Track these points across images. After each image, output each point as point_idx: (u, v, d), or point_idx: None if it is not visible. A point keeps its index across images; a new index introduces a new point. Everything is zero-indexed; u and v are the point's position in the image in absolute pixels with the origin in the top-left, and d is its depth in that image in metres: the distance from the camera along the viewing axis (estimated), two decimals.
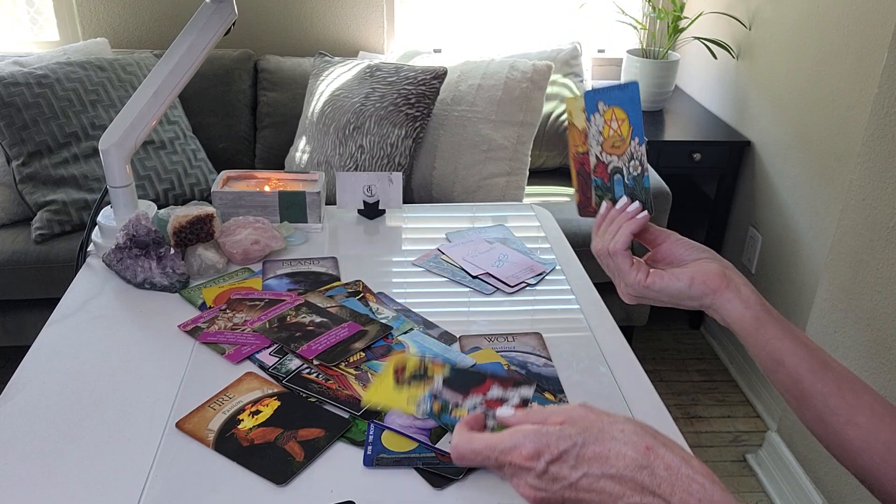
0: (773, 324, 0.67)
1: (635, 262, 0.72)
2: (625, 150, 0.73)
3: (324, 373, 0.89)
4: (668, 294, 0.70)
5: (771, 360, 0.67)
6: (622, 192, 0.74)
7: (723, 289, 0.68)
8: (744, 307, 0.68)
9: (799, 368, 0.65)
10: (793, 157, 2.03)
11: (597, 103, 0.73)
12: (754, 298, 0.68)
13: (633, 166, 0.72)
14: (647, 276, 0.71)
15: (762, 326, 0.67)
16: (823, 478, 1.67)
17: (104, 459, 0.76)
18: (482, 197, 2.10)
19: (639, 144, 0.72)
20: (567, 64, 2.43)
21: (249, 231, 1.15)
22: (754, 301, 0.68)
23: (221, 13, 1.14)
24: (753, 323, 0.67)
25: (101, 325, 0.99)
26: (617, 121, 0.72)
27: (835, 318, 1.60)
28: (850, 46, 1.77)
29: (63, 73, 2.07)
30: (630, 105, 0.71)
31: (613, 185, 0.74)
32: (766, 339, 0.67)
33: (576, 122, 0.75)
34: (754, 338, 0.68)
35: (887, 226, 1.43)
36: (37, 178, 1.99)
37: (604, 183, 0.75)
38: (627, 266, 0.72)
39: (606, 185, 0.75)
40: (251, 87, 2.46)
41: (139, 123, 1.13)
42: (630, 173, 0.73)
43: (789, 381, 0.66)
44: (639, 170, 0.72)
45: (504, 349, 0.96)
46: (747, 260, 2.29)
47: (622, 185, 0.74)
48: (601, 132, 0.73)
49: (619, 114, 0.72)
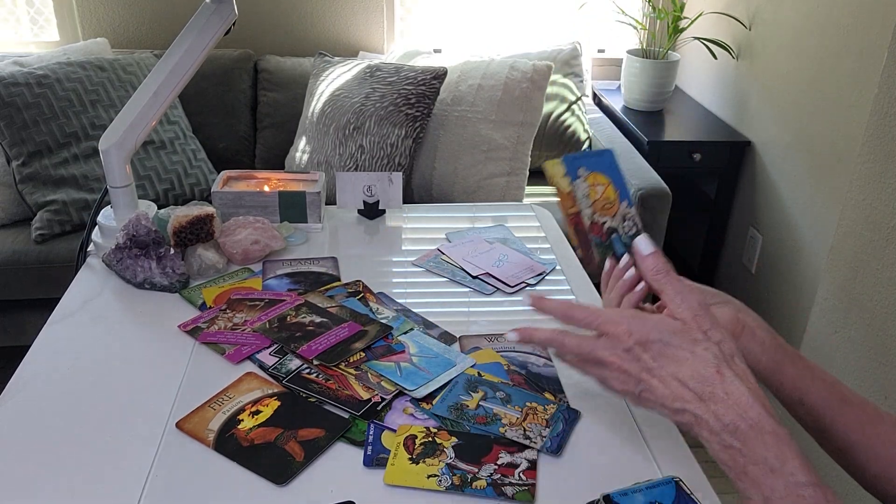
0: (791, 364, 0.69)
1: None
2: (616, 212, 0.74)
3: (324, 373, 0.89)
4: None
5: (790, 399, 0.69)
6: (622, 250, 0.75)
7: (738, 335, 0.70)
8: (760, 351, 0.70)
9: (818, 406, 0.68)
10: (793, 157, 2.03)
11: (577, 169, 0.74)
12: (770, 340, 0.70)
13: (628, 227, 0.74)
14: None
15: (779, 368, 0.69)
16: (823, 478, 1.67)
17: (104, 459, 0.76)
18: (482, 197, 2.10)
19: (628, 206, 0.74)
20: (567, 64, 2.43)
21: (249, 231, 1.15)
22: (770, 343, 0.70)
23: (221, 13, 1.14)
24: (771, 366, 0.69)
25: (101, 326, 0.99)
26: (601, 185, 0.74)
27: (835, 318, 1.60)
28: (850, 47, 1.77)
29: (63, 73, 2.07)
30: (610, 171, 0.73)
31: (612, 244, 0.76)
32: (784, 380, 0.69)
33: (560, 186, 0.75)
34: (772, 380, 0.70)
35: (887, 226, 1.43)
36: (37, 178, 1.99)
37: (602, 241, 0.76)
38: None
39: (605, 244, 0.76)
40: (251, 87, 2.46)
41: (139, 123, 1.13)
42: (626, 233, 0.75)
43: (809, 418, 0.69)
44: (633, 230, 0.74)
45: (504, 349, 0.96)
46: (747, 260, 2.29)
47: (620, 243, 0.75)
48: (588, 196, 0.75)
49: (602, 179, 0.74)
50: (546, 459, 0.78)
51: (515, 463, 0.76)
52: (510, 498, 0.72)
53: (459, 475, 0.74)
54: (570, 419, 0.83)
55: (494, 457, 0.77)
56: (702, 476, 0.76)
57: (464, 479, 0.74)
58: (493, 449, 0.78)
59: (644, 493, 0.71)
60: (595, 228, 0.76)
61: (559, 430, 0.81)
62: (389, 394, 0.85)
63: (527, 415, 0.83)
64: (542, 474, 0.76)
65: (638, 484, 0.73)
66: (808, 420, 0.69)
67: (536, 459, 0.77)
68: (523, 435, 0.80)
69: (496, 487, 0.73)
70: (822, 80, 1.88)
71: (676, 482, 0.73)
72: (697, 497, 0.72)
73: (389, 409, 0.84)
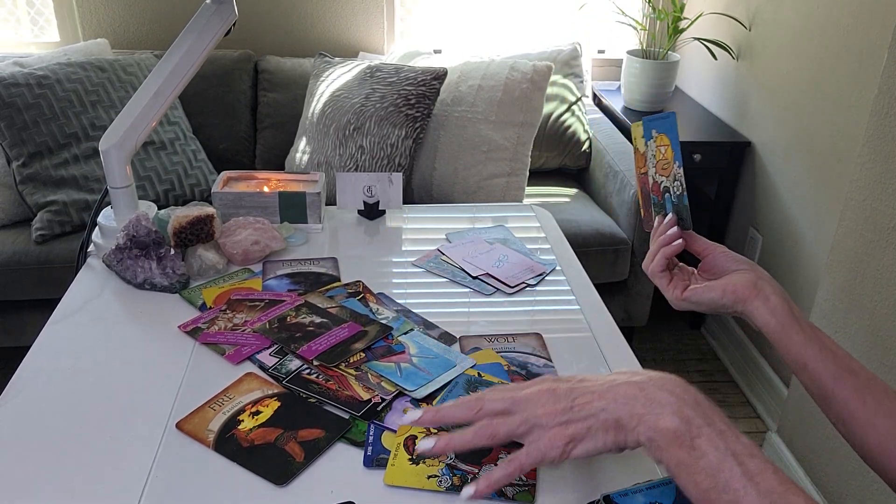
0: (800, 331, 0.73)
1: (673, 279, 0.82)
2: (670, 172, 0.83)
3: (324, 373, 0.89)
4: (705, 304, 0.78)
5: (795, 364, 0.73)
6: (671, 209, 0.84)
7: (752, 298, 0.75)
8: (769, 315, 0.74)
9: (821, 373, 0.71)
10: (793, 157, 2.03)
11: (651, 130, 0.83)
12: (782, 307, 0.74)
13: (676, 186, 0.83)
14: (682, 291, 0.80)
15: (787, 334, 0.73)
16: (823, 479, 1.67)
17: (104, 460, 0.76)
18: (482, 197, 2.10)
19: (678, 167, 0.82)
20: (567, 64, 2.43)
21: (249, 231, 1.15)
22: (781, 309, 0.74)
23: (221, 14, 1.14)
24: (779, 330, 0.73)
25: (101, 326, 0.99)
26: (664, 146, 0.83)
27: (835, 319, 1.60)
28: (850, 47, 1.77)
29: (63, 73, 2.07)
30: (671, 132, 0.82)
31: (665, 203, 0.84)
32: (791, 344, 0.73)
33: (638, 146, 0.84)
34: (780, 343, 0.74)
35: (887, 226, 1.43)
36: (37, 178, 1.99)
37: (658, 200, 0.85)
38: (665, 284, 0.82)
39: (660, 203, 0.85)
40: (251, 87, 2.46)
41: (139, 124, 1.13)
42: (674, 192, 0.83)
43: (812, 384, 0.73)
44: (679, 189, 0.82)
45: (504, 350, 0.96)
46: None
47: (670, 202, 0.84)
48: (654, 156, 0.83)
49: (665, 140, 0.82)
50: None
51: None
52: (510, 498, 0.72)
53: (459, 476, 0.74)
54: None
55: (494, 457, 0.77)
56: None
57: (464, 479, 0.74)
58: (493, 449, 0.77)
59: (644, 493, 0.72)
60: (655, 188, 0.84)
61: None
62: (389, 394, 0.85)
63: None
64: (542, 475, 0.76)
65: (638, 484, 0.73)
66: (811, 386, 0.72)
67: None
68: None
69: None
70: (822, 81, 1.88)
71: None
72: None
73: (389, 410, 0.84)
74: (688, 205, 0.83)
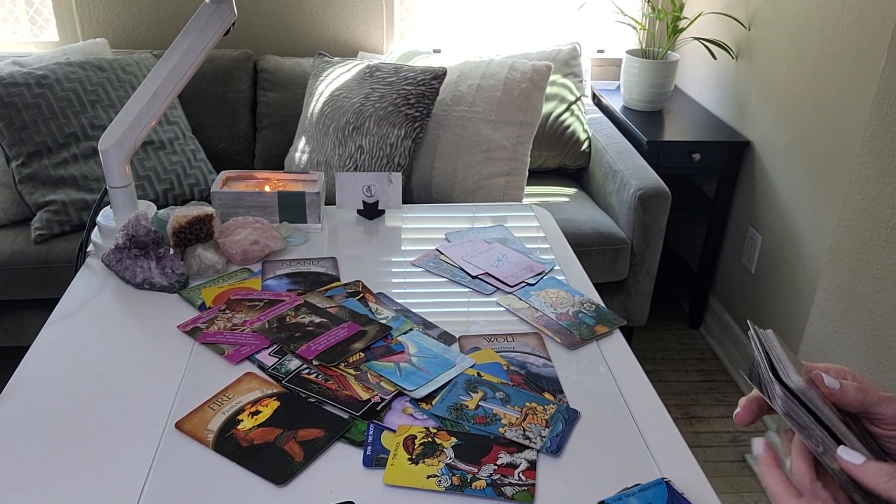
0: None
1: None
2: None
3: (323, 373, 0.89)
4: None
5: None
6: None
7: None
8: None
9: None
10: (793, 157, 2.03)
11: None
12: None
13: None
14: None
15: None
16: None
17: (104, 459, 0.76)
18: (482, 197, 2.10)
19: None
20: (566, 64, 2.43)
21: (249, 231, 1.15)
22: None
23: (221, 13, 1.14)
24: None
25: (100, 326, 0.99)
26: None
27: (835, 318, 1.61)
28: (849, 46, 1.77)
29: (62, 73, 2.07)
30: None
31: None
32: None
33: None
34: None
35: (887, 226, 1.43)
36: (36, 178, 1.99)
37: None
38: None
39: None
40: (251, 87, 2.46)
41: (139, 124, 1.13)
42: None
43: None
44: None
45: (504, 349, 0.96)
46: (747, 260, 2.29)
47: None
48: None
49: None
50: (546, 460, 0.78)
51: (515, 463, 0.76)
52: (510, 498, 0.72)
53: (459, 475, 0.74)
54: (569, 419, 0.83)
55: (494, 457, 0.77)
56: (702, 476, 0.76)
57: (463, 479, 0.74)
58: (492, 449, 0.78)
59: (637, 496, 0.72)
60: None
61: (559, 431, 0.81)
62: (389, 394, 0.85)
63: (526, 415, 0.83)
64: (542, 474, 0.76)
65: (630, 488, 0.73)
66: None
67: (536, 460, 0.77)
68: (523, 435, 0.80)
69: (496, 488, 0.73)
70: (822, 80, 1.88)
71: (667, 483, 0.73)
72: (686, 496, 0.72)
73: (389, 410, 0.84)
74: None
